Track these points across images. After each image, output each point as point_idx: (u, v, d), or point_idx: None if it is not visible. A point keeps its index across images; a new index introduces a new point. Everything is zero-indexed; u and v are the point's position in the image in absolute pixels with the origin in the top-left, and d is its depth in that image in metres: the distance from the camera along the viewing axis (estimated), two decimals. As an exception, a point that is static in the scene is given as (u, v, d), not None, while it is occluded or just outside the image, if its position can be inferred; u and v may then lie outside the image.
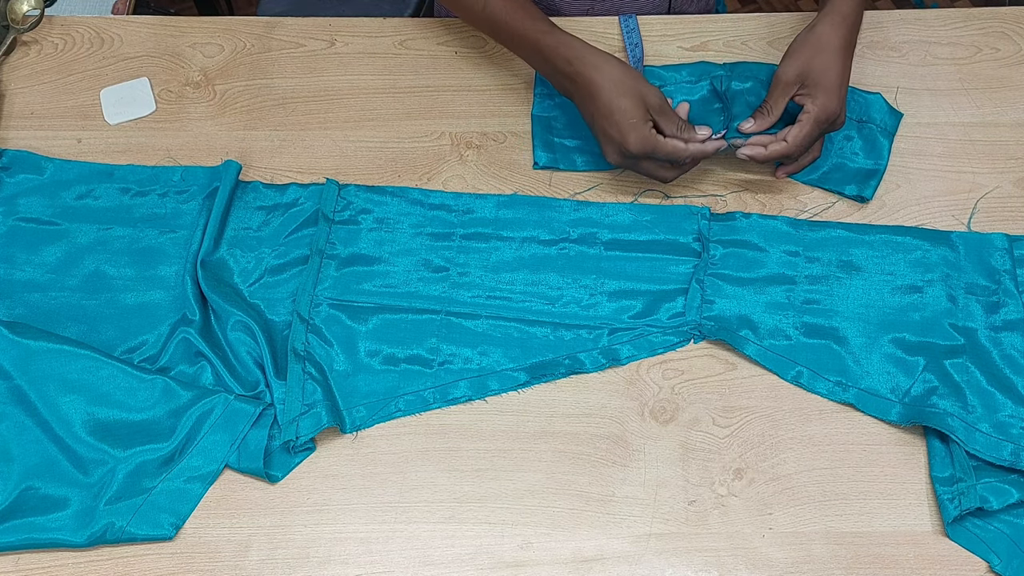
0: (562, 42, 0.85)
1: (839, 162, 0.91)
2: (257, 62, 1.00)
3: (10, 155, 0.93)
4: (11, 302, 0.85)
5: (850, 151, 0.92)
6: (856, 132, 0.93)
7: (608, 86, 0.83)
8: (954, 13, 1.01)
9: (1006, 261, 0.86)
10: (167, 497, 0.76)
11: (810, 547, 0.75)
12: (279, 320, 0.84)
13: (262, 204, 0.91)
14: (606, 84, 0.83)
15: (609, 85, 0.83)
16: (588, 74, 0.84)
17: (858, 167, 0.91)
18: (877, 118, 0.93)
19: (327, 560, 0.75)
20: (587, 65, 0.84)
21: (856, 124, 0.93)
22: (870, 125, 0.93)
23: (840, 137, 0.92)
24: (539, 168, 0.93)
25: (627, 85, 0.83)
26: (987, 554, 0.74)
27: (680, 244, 0.88)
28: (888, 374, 0.81)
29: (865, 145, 0.92)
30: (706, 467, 0.78)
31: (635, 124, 0.82)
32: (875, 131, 0.92)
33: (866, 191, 0.89)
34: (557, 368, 0.82)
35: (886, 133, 0.92)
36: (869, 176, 0.90)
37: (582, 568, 0.74)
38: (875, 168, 0.91)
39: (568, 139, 0.93)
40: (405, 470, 0.78)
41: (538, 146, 0.93)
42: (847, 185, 0.90)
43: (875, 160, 0.91)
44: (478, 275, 0.86)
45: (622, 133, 0.83)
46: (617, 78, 0.83)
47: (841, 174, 0.91)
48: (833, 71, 0.84)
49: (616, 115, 0.82)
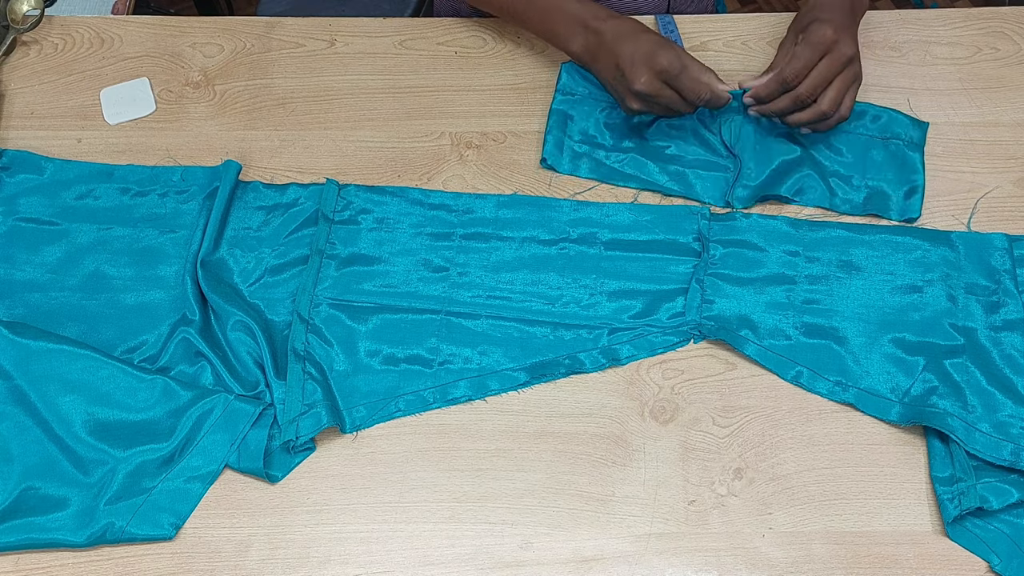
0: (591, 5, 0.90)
1: (877, 186, 0.90)
2: (257, 62, 1.00)
3: (10, 155, 0.93)
4: (11, 302, 0.85)
5: (883, 176, 0.90)
6: (883, 150, 0.91)
7: (636, 27, 0.87)
8: (954, 13, 1.01)
9: (1006, 261, 0.86)
10: (167, 497, 0.76)
11: (810, 547, 0.75)
12: (279, 320, 0.84)
13: (262, 204, 0.91)
14: (634, 26, 0.87)
15: (637, 27, 0.87)
16: (615, 22, 0.88)
17: (895, 188, 0.90)
18: (902, 133, 0.92)
19: (327, 560, 0.75)
20: (613, 18, 0.88)
21: (882, 143, 0.92)
22: (896, 141, 0.92)
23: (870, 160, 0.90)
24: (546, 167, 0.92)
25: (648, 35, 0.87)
26: (987, 554, 0.74)
27: (680, 244, 0.88)
28: (888, 374, 0.81)
29: (895, 162, 0.91)
30: (706, 467, 0.78)
31: (664, 44, 0.84)
32: (902, 146, 0.91)
33: (911, 211, 0.88)
34: (557, 368, 0.82)
35: (914, 146, 0.92)
36: (910, 194, 0.89)
37: (582, 568, 0.74)
38: (913, 185, 0.90)
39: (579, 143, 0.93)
40: (405, 470, 0.78)
41: (550, 141, 0.92)
42: (890, 211, 0.89)
43: (910, 176, 0.90)
44: (478, 275, 0.86)
45: (654, 51, 0.84)
46: (638, 29, 0.87)
47: (881, 199, 0.89)
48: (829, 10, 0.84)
49: (644, 40, 0.85)
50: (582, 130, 0.93)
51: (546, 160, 0.92)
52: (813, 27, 0.83)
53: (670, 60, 0.84)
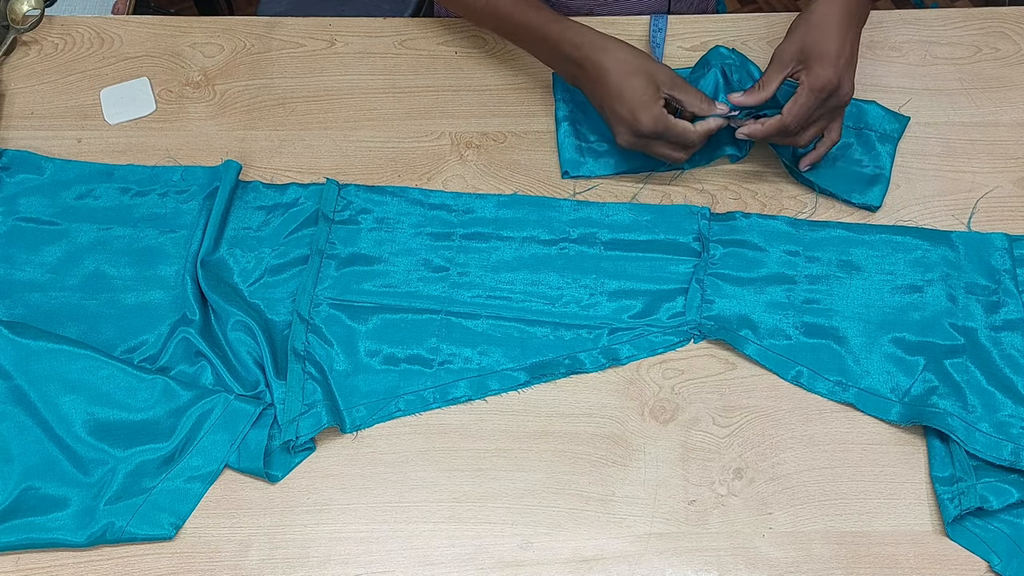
0: (568, 28, 0.85)
1: (844, 167, 0.91)
2: (257, 62, 1.00)
3: (10, 155, 0.93)
4: (11, 302, 0.85)
5: (852, 158, 0.91)
6: (855, 139, 0.92)
7: (616, 67, 0.83)
8: (954, 13, 1.01)
9: (1006, 261, 0.86)
10: (167, 497, 0.76)
11: (810, 547, 0.75)
12: (279, 320, 0.84)
13: (262, 204, 0.91)
14: (614, 65, 0.83)
15: (617, 66, 0.83)
16: (595, 57, 0.83)
17: (860, 173, 0.90)
18: (874, 124, 0.93)
19: (327, 560, 0.75)
20: (594, 48, 0.84)
21: (854, 131, 0.92)
22: (867, 132, 0.92)
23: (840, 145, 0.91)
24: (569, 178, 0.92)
25: (635, 65, 0.83)
26: (987, 554, 0.74)
27: (680, 244, 0.88)
28: (888, 374, 0.81)
29: (864, 151, 0.91)
30: (706, 467, 0.78)
31: (646, 103, 0.82)
32: (872, 137, 0.92)
33: (872, 199, 0.89)
34: (557, 368, 0.82)
35: (885, 139, 0.92)
36: (872, 182, 0.90)
37: (582, 568, 0.74)
38: (877, 174, 0.90)
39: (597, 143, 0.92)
40: (405, 470, 0.78)
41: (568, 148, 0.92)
42: (852, 193, 0.89)
43: (876, 166, 0.91)
44: (478, 275, 0.86)
45: (633, 113, 0.82)
46: (624, 59, 0.83)
47: (845, 180, 0.90)
48: (829, 42, 0.81)
49: (626, 94, 0.82)
50: (594, 128, 0.93)
51: (568, 172, 0.91)
52: (816, 70, 0.81)
53: (651, 123, 0.82)
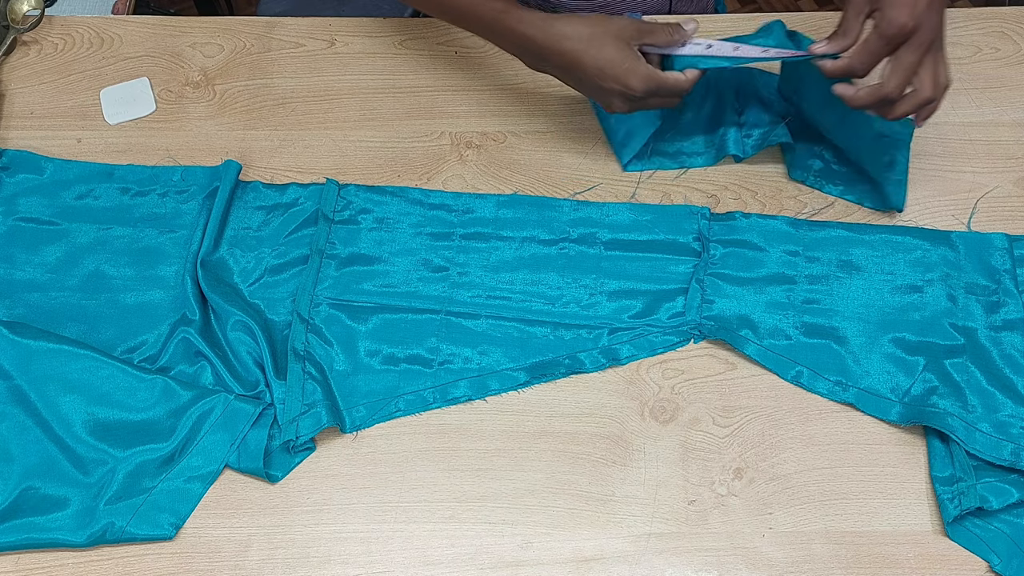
0: (520, 20, 0.82)
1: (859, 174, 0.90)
2: (257, 62, 1.00)
3: (10, 155, 0.93)
4: (11, 302, 0.85)
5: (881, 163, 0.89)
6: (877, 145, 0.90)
7: (584, 47, 0.80)
8: (954, 13, 1.01)
9: (1006, 261, 0.86)
10: (167, 497, 0.76)
11: (810, 547, 0.75)
12: (279, 320, 0.84)
13: (262, 204, 0.91)
14: (581, 46, 0.80)
15: (585, 46, 0.80)
16: (558, 46, 0.81)
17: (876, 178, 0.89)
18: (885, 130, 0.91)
19: (327, 560, 0.75)
20: (553, 37, 0.81)
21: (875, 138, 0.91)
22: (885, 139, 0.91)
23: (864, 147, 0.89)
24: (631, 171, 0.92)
25: (599, 34, 0.80)
26: (987, 554, 0.74)
27: (680, 244, 0.88)
28: (888, 374, 0.81)
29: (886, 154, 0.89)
30: (706, 467, 0.78)
31: (629, 68, 0.80)
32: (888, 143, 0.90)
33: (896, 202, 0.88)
34: (557, 368, 0.82)
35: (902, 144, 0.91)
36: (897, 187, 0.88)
37: (582, 568, 0.74)
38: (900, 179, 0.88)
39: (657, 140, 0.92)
40: (405, 470, 0.78)
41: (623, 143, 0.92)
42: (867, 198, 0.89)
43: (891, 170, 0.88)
44: (478, 275, 0.86)
45: (621, 81, 0.80)
46: (588, 35, 0.80)
47: (862, 186, 0.90)
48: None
49: (607, 69, 0.80)
50: None
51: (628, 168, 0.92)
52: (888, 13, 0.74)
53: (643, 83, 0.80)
